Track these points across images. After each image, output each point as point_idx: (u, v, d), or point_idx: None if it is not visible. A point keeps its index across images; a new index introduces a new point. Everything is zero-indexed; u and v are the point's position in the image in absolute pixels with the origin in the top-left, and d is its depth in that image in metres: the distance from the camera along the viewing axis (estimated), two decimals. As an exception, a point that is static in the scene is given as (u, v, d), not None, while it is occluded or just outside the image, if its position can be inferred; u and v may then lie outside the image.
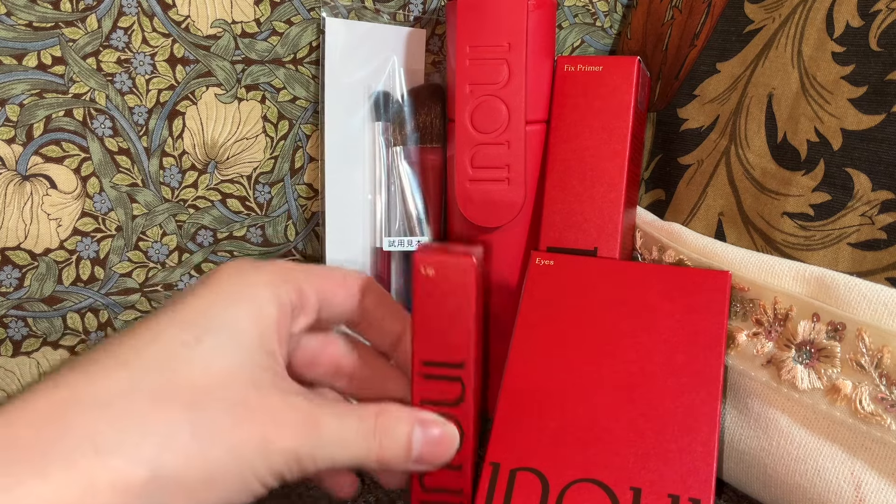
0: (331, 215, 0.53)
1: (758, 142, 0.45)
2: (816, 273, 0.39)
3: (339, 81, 0.52)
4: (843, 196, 0.40)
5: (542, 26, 0.48)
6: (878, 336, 0.36)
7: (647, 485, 0.38)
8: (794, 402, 0.39)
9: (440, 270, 0.39)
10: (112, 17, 0.47)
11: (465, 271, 0.39)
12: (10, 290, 0.48)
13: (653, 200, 0.52)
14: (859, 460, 0.37)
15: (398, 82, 0.53)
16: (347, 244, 0.53)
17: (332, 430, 0.36)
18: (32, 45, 0.46)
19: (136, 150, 0.49)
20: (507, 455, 0.40)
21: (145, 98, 0.49)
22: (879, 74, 0.40)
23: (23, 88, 0.46)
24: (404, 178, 0.52)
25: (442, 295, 0.40)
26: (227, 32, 0.50)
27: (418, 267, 0.39)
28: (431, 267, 0.40)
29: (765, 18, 0.47)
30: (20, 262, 0.48)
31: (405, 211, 0.53)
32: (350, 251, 0.53)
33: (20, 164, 0.47)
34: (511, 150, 0.47)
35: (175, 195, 0.51)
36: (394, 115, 0.53)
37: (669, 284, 0.43)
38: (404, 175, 0.52)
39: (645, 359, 0.41)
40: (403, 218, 0.53)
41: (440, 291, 0.40)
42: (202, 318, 0.35)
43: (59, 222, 0.48)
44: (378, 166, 0.53)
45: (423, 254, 0.40)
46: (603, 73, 0.48)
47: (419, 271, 0.39)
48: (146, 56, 0.48)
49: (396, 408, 0.38)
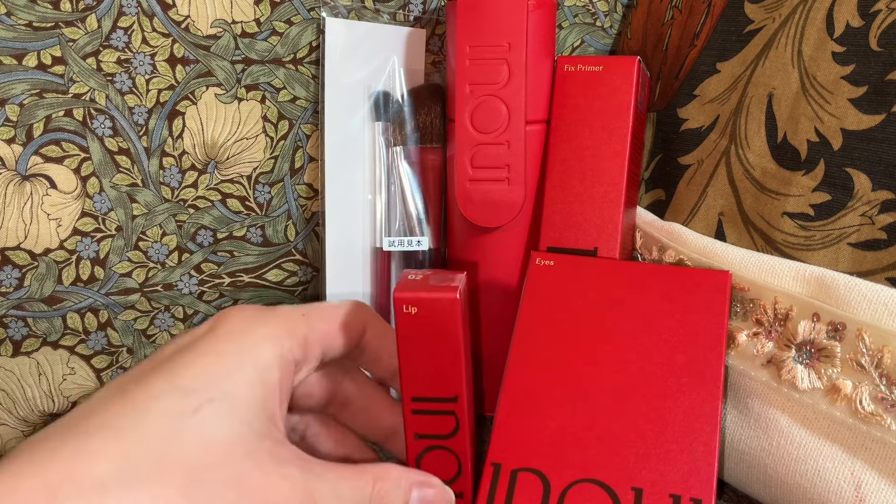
0: (331, 215, 0.53)
1: (758, 142, 0.45)
2: (817, 273, 0.39)
3: (338, 81, 0.52)
4: (843, 196, 0.40)
5: (541, 26, 0.48)
6: (879, 336, 0.36)
7: (648, 485, 0.38)
8: (795, 402, 0.40)
9: (423, 308, 0.38)
10: (112, 17, 0.47)
11: (449, 308, 0.38)
12: (10, 289, 0.48)
13: (653, 200, 0.52)
14: (859, 460, 0.37)
15: (398, 82, 0.53)
16: (347, 244, 0.53)
17: (328, 501, 0.34)
18: (32, 45, 0.46)
19: (136, 150, 0.49)
20: (509, 455, 0.40)
21: (145, 98, 0.49)
22: (879, 74, 0.40)
23: (23, 88, 0.46)
24: (404, 178, 0.52)
25: (427, 332, 0.38)
26: (227, 32, 0.50)
27: (399, 306, 0.38)
28: (413, 305, 0.38)
29: (765, 18, 0.47)
30: (20, 262, 0.48)
31: (405, 211, 0.53)
32: (350, 251, 0.53)
33: (20, 163, 0.47)
34: (511, 150, 0.47)
35: (175, 195, 0.51)
36: (394, 115, 0.53)
37: (670, 284, 0.43)
38: (404, 175, 0.52)
39: (645, 359, 0.41)
40: (403, 218, 0.53)
41: (425, 329, 0.38)
42: (201, 384, 0.33)
43: (58, 222, 0.48)
44: (378, 166, 0.53)
45: (403, 291, 0.38)
46: (603, 72, 0.48)
47: (401, 310, 0.38)
48: (146, 56, 0.48)
49: (394, 472, 0.37)
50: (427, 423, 0.40)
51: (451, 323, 0.38)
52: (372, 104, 0.52)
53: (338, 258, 0.53)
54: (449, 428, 0.40)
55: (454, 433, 0.40)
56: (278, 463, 0.34)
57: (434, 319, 0.38)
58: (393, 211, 0.53)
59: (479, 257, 0.50)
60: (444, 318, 0.38)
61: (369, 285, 0.54)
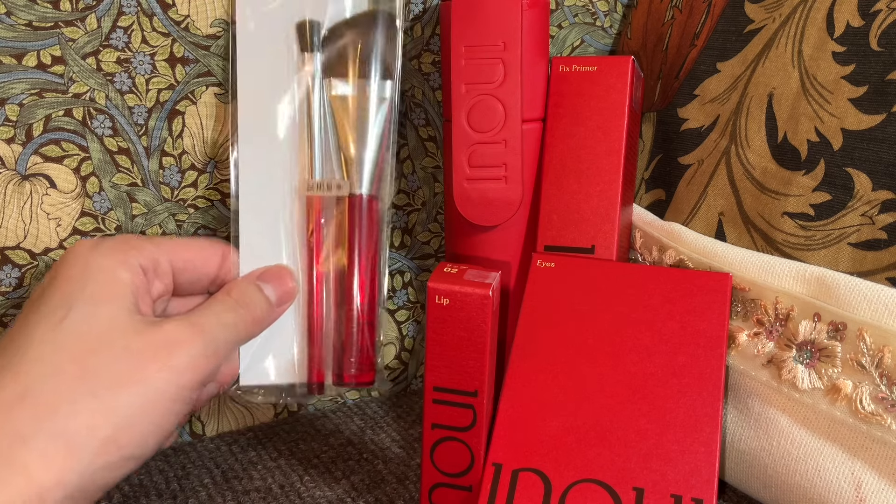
0: (245, 158, 0.47)
1: (758, 142, 0.45)
2: (817, 273, 0.40)
3: (254, 10, 0.47)
4: (843, 196, 0.41)
5: (536, 25, 0.48)
6: (879, 336, 0.36)
7: (649, 485, 0.38)
8: (795, 402, 0.40)
9: (455, 300, 0.39)
10: (112, 17, 0.47)
11: (480, 303, 0.39)
12: (10, 289, 0.48)
13: (653, 200, 0.52)
14: (859, 460, 0.37)
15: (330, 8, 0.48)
16: (262, 188, 0.48)
17: (212, 322, 0.40)
18: (32, 45, 0.46)
19: (136, 150, 0.49)
20: (510, 455, 0.40)
21: (145, 98, 0.49)
22: (880, 74, 0.40)
23: (22, 88, 0.46)
24: (338, 115, 0.48)
25: (456, 324, 0.39)
26: (227, 32, 0.50)
27: (432, 296, 0.39)
28: (446, 297, 0.39)
29: (765, 18, 0.47)
30: (20, 261, 0.48)
31: (341, 152, 0.48)
32: (267, 196, 0.48)
33: (20, 163, 0.47)
34: (508, 149, 0.47)
35: (175, 195, 0.51)
36: (326, 44, 0.48)
37: (671, 286, 0.43)
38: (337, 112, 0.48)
39: (647, 360, 0.41)
40: (339, 159, 0.48)
41: (455, 321, 0.39)
42: (62, 300, 0.38)
43: (58, 222, 0.48)
44: (304, 102, 0.47)
45: (437, 282, 0.39)
46: (597, 72, 0.48)
47: (433, 300, 0.39)
48: (146, 56, 0.48)
49: (240, 279, 0.45)
50: (445, 413, 0.41)
51: (481, 318, 0.39)
52: (297, 32, 0.48)
53: (253, 206, 0.48)
54: (466, 421, 0.41)
55: (471, 427, 0.41)
56: (156, 323, 0.39)
57: (464, 313, 0.39)
58: (322, 150, 0.48)
59: (476, 256, 0.50)
60: (474, 312, 0.39)
61: (291, 235, 0.48)
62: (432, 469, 0.42)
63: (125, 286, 0.39)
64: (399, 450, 0.52)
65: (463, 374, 0.40)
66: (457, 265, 0.41)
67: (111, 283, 0.39)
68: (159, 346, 0.38)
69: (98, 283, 0.39)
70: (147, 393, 0.37)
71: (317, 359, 0.47)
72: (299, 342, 0.48)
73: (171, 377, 0.37)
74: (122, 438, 0.36)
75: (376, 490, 0.47)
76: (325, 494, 0.47)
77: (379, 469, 0.50)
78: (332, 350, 0.47)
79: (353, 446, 0.52)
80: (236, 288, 0.44)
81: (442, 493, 0.42)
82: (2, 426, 0.34)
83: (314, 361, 0.47)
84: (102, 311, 0.38)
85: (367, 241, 0.47)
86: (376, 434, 0.54)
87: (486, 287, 0.39)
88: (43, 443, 0.34)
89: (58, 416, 0.35)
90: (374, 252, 0.47)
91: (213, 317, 0.41)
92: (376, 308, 0.47)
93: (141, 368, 0.37)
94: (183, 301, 0.45)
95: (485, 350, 0.39)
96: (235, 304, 0.43)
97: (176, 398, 0.38)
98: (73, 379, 0.36)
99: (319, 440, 0.53)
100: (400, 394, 0.60)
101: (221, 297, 0.43)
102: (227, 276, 0.46)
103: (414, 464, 0.50)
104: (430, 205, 0.57)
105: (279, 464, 0.50)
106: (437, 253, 0.59)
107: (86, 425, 0.35)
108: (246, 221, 0.47)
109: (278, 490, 0.48)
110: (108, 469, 0.36)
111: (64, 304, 0.38)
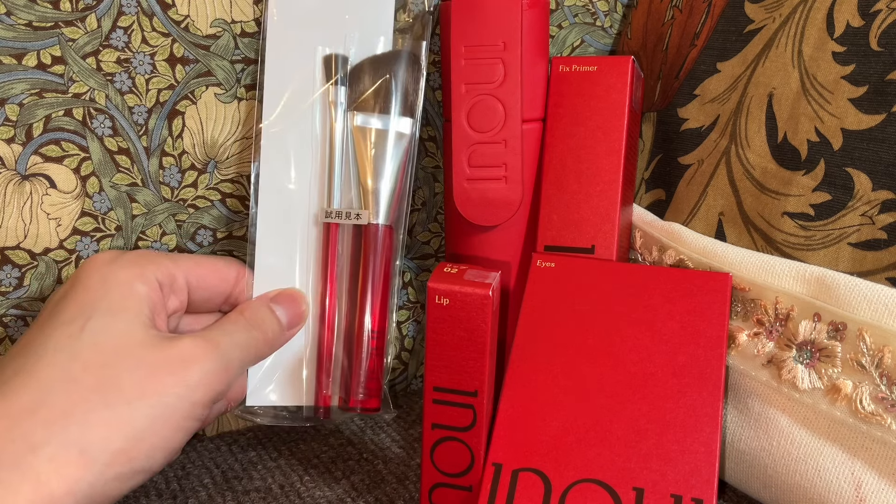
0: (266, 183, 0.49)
1: (758, 142, 0.45)
2: (817, 273, 0.40)
3: (285, 35, 0.49)
4: (843, 196, 0.41)
5: (536, 25, 0.48)
6: (879, 336, 0.36)
7: (649, 485, 0.38)
8: (795, 402, 0.40)
9: (455, 300, 0.39)
10: (112, 17, 0.47)
11: (480, 303, 0.39)
12: (10, 289, 0.48)
13: (653, 200, 0.52)
14: (859, 460, 0.37)
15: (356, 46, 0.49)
16: (283, 214, 0.49)
17: (225, 341, 0.41)
18: (32, 45, 0.46)
19: (136, 150, 0.49)
20: (510, 455, 0.40)
21: (145, 98, 0.49)
22: (880, 74, 0.40)
23: (22, 88, 0.46)
24: (360, 147, 0.49)
25: (456, 324, 0.39)
26: (227, 32, 0.50)
27: (432, 296, 0.39)
28: (446, 297, 0.39)
29: (765, 18, 0.47)
30: (20, 261, 0.48)
31: (360, 183, 0.49)
32: (286, 221, 0.49)
33: (20, 163, 0.47)
34: (508, 149, 0.47)
35: (175, 195, 0.51)
36: (352, 78, 0.49)
37: (671, 286, 0.43)
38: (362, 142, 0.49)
39: (647, 360, 0.41)
40: (358, 188, 0.49)
41: (455, 321, 0.39)
42: (80, 310, 0.39)
43: (58, 222, 0.48)
44: (327, 132, 0.49)
45: (437, 282, 0.39)
46: (597, 72, 0.48)
47: (433, 300, 0.39)
48: (146, 56, 0.48)
49: (253, 301, 0.46)
50: (445, 413, 0.41)
51: (481, 318, 0.39)
52: (323, 65, 0.49)
53: (271, 229, 0.49)
54: (466, 421, 0.41)
55: (470, 427, 0.41)
56: (172, 339, 0.39)
57: (464, 313, 0.39)
58: (345, 182, 0.49)
59: (476, 256, 0.50)
60: (474, 312, 0.39)
61: (306, 260, 0.49)
62: (432, 469, 0.42)
63: (142, 300, 0.40)
64: (399, 450, 0.52)
65: (463, 374, 0.40)
66: (457, 265, 0.41)
67: (129, 296, 0.40)
68: (174, 361, 0.38)
69: (116, 295, 0.39)
70: (161, 407, 0.37)
71: (324, 383, 0.48)
72: (308, 366, 0.48)
73: (184, 392, 0.38)
74: (134, 451, 0.36)
75: (376, 490, 0.47)
76: (325, 494, 0.47)
77: (379, 469, 0.50)
78: (340, 376, 0.48)
79: (353, 446, 0.52)
80: (249, 308, 0.44)
81: (442, 493, 0.42)
82: (15, 432, 0.34)
83: (321, 386, 0.48)
84: (119, 324, 0.39)
85: (381, 269, 0.48)
86: (376, 434, 0.54)
87: (486, 287, 0.39)
88: (55, 451, 0.34)
89: (71, 425, 0.35)
90: (387, 281, 0.48)
91: (226, 336, 0.41)
92: (386, 336, 0.48)
93: (156, 382, 0.37)
94: (194, 318, 0.46)
95: (485, 350, 0.39)
96: (248, 324, 0.43)
97: (188, 414, 0.38)
98: (88, 389, 0.36)
99: (319, 440, 0.53)
100: (400, 394, 0.60)
101: (234, 317, 0.44)
102: (240, 296, 0.46)
103: (414, 464, 0.50)
104: (430, 205, 0.57)
105: (279, 464, 0.50)
106: (437, 253, 0.59)
107: (99, 436, 0.35)
108: (263, 243, 0.48)
109: (278, 490, 0.48)
110: (118, 480, 0.36)
111: (81, 314, 0.38)
